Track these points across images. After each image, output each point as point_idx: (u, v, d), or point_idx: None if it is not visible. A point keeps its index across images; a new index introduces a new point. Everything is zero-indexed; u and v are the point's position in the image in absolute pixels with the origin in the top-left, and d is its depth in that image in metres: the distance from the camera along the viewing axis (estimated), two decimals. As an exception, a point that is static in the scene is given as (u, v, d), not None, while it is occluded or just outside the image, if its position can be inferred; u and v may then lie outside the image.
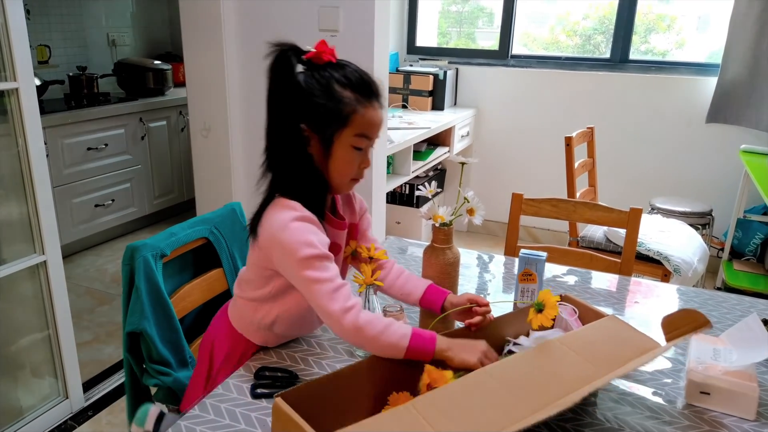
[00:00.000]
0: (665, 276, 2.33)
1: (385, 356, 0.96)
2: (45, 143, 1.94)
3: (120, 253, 1.24)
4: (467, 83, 3.78)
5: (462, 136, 3.61)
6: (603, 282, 1.53)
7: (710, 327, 0.97)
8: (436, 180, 3.65)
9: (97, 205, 3.31)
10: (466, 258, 1.64)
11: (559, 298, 1.09)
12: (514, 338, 1.08)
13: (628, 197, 3.32)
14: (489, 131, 3.78)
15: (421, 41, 3.97)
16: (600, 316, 1.08)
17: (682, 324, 1.00)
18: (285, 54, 1.01)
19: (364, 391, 0.92)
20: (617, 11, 3.39)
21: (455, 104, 3.82)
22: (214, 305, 1.35)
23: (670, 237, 2.45)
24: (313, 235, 1.00)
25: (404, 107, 3.66)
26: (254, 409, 0.98)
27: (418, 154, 3.25)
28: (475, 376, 0.86)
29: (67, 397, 2.04)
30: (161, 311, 1.25)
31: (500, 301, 1.38)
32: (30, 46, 1.77)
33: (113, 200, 3.40)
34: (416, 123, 3.20)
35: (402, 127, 3.07)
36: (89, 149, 3.19)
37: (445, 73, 3.58)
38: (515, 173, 3.74)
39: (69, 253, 3.26)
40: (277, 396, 0.81)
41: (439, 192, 3.81)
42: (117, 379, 2.26)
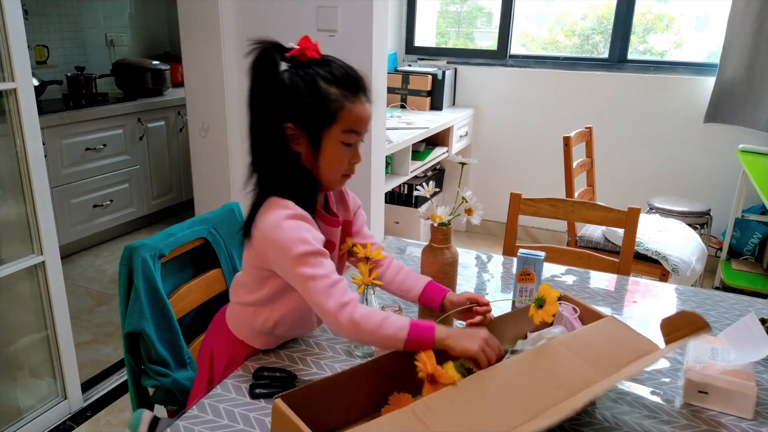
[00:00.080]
0: (663, 275, 2.33)
1: (386, 348, 0.95)
2: (43, 143, 1.93)
3: (118, 254, 1.23)
4: (466, 83, 3.78)
5: (460, 136, 3.61)
6: (601, 281, 1.54)
7: (709, 330, 0.97)
8: (435, 180, 3.65)
9: (96, 206, 3.31)
10: (465, 258, 1.64)
11: (559, 293, 1.10)
12: (514, 339, 1.08)
13: (627, 197, 3.32)
14: (487, 131, 3.79)
15: (420, 41, 3.97)
16: (599, 316, 1.07)
17: (681, 326, 1.00)
18: (268, 52, 0.99)
19: (364, 392, 0.91)
20: (615, 11, 3.39)
21: (454, 104, 3.82)
22: (213, 306, 1.35)
23: (669, 236, 2.45)
24: (307, 233, 0.99)
25: (403, 107, 3.66)
26: (253, 410, 0.98)
27: (417, 154, 3.25)
28: (476, 379, 0.85)
29: (66, 398, 2.04)
30: (159, 312, 1.25)
31: (499, 300, 1.38)
32: (28, 47, 1.77)
33: (112, 200, 3.40)
34: (415, 123, 3.20)
35: (400, 127, 3.07)
36: (87, 149, 3.19)
37: (444, 73, 3.58)
38: (514, 173, 3.74)
39: (67, 254, 3.26)
40: (277, 398, 0.80)
41: (438, 192, 3.81)
42: (116, 380, 2.25)
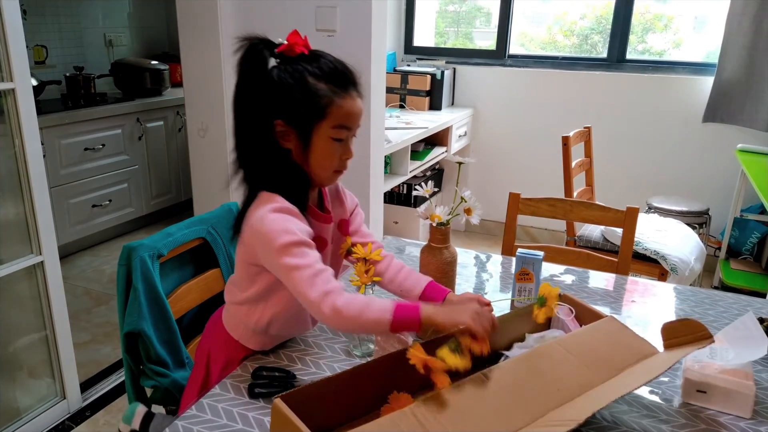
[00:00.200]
0: (662, 275, 2.33)
1: (372, 333, 0.94)
2: (42, 143, 1.93)
3: (117, 254, 1.23)
4: (465, 83, 3.78)
5: (459, 136, 3.61)
6: (600, 281, 1.54)
7: (712, 342, 0.97)
8: (434, 180, 3.65)
9: (95, 206, 3.31)
10: (464, 257, 1.64)
11: (558, 290, 1.10)
12: (514, 340, 1.08)
13: (625, 196, 3.32)
14: (486, 131, 3.79)
15: (419, 41, 3.97)
16: (598, 316, 1.07)
17: (683, 333, 1.00)
18: (256, 48, 0.98)
19: (364, 392, 0.91)
20: (614, 11, 3.39)
21: (453, 104, 3.82)
22: (212, 305, 1.35)
23: (667, 236, 2.45)
24: (292, 224, 0.97)
25: (402, 107, 3.66)
26: (251, 409, 0.98)
27: (416, 154, 3.25)
28: (475, 381, 0.85)
29: (65, 398, 2.04)
30: (158, 311, 1.25)
31: (498, 300, 1.38)
32: (27, 47, 1.77)
33: (110, 200, 3.40)
34: (414, 123, 3.20)
35: (399, 127, 3.07)
36: (86, 149, 3.19)
37: (443, 73, 3.58)
38: (512, 173, 3.75)
39: (66, 254, 3.26)
40: (277, 398, 0.80)
41: (437, 192, 3.81)
42: (114, 380, 2.25)
